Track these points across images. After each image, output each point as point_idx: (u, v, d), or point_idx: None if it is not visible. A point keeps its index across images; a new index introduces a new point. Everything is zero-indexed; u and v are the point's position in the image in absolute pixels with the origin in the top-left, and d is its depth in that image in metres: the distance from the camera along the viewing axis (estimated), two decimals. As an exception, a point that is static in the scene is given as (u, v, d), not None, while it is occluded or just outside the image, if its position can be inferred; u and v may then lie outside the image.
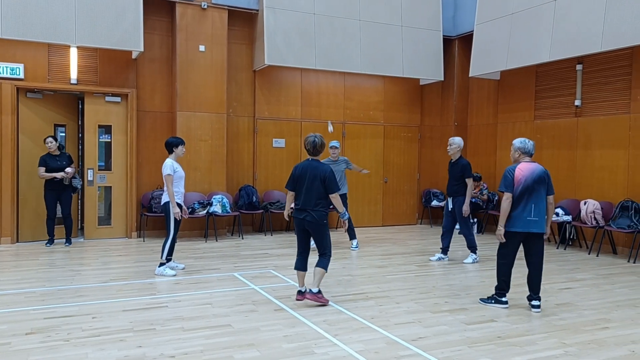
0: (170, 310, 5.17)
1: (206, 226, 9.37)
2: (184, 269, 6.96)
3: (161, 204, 6.92)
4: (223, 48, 9.63)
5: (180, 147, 6.79)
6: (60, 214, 8.57)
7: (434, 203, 11.59)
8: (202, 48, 9.45)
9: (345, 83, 11.08)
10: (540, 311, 5.31)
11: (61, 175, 8.24)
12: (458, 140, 7.66)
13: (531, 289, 5.38)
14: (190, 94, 9.41)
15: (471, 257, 7.71)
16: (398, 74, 10.69)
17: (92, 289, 5.94)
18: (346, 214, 5.58)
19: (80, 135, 9.55)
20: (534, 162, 5.34)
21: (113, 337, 4.39)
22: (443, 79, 11.22)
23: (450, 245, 7.89)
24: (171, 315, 5.00)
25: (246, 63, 10.22)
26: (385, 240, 9.68)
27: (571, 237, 9.19)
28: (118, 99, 9.29)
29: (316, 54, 9.85)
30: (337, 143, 8.59)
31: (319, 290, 5.41)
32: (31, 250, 8.08)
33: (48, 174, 8.23)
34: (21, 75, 8.52)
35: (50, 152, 8.34)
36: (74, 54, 8.85)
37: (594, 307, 5.50)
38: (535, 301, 5.34)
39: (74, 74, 8.87)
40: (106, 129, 9.37)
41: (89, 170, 9.10)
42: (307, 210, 5.33)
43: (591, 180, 9.01)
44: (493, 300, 5.47)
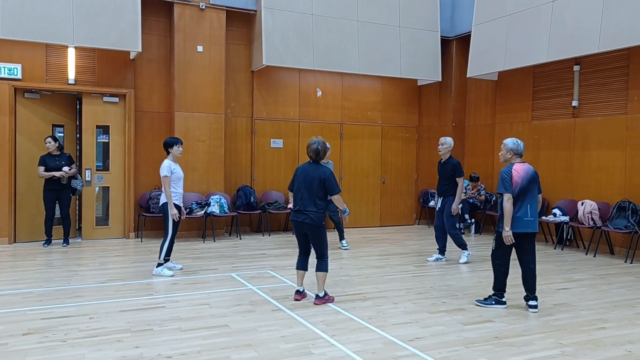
0: (167, 311, 5.17)
1: (204, 226, 9.37)
2: (181, 269, 6.96)
3: (159, 204, 6.92)
4: (221, 48, 9.64)
5: (176, 147, 6.72)
6: (58, 214, 8.57)
7: (432, 203, 11.59)
8: (200, 48, 9.45)
9: (343, 83, 11.09)
10: (538, 311, 5.33)
11: (59, 174, 8.23)
12: (450, 140, 7.73)
13: (528, 289, 5.39)
14: (188, 95, 9.41)
15: (465, 255, 7.72)
16: (396, 74, 10.71)
17: (90, 289, 5.94)
18: (347, 209, 5.64)
19: (78, 135, 9.55)
20: (525, 163, 5.40)
21: (110, 338, 4.39)
22: (441, 80, 11.23)
23: (446, 245, 7.90)
24: (169, 316, 5.00)
25: (244, 63, 10.22)
26: (383, 241, 9.69)
27: (568, 238, 9.20)
28: (116, 100, 9.29)
29: (314, 55, 9.85)
30: (328, 145, 8.59)
31: (325, 292, 5.50)
32: (28, 251, 8.07)
33: (47, 173, 8.23)
34: (19, 76, 8.52)
35: (50, 152, 8.35)
36: (71, 54, 8.84)
37: (591, 308, 5.51)
38: (532, 301, 5.35)
39: (71, 74, 8.86)
40: (104, 130, 9.36)
41: (87, 171, 9.10)
42: (306, 212, 5.35)
43: (588, 181, 9.03)
44: (493, 301, 5.48)
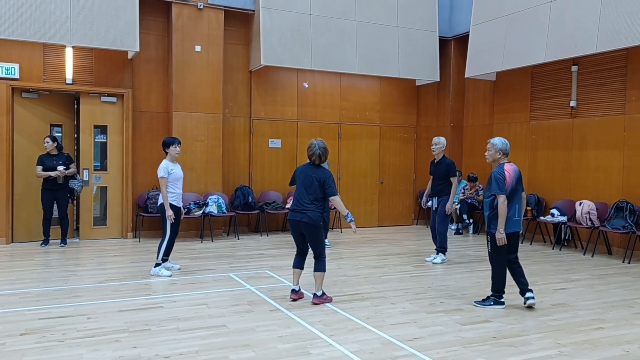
0: (165, 311, 5.16)
1: (202, 227, 9.36)
2: (179, 269, 6.95)
3: (157, 204, 6.91)
4: (219, 48, 9.63)
5: (173, 147, 6.69)
6: (56, 214, 8.55)
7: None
8: (198, 48, 9.44)
9: (341, 83, 11.08)
10: (535, 301, 5.38)
11: (55, 174, 8.21)
12: (443, 140, 7.76)
13: (522, 283, 5.45)
14: (186, 94, 9.40)
15: (440, 257, 7.72)
16: (394, 74, 10.71)
17: (88, 289, 5.93)
18: (350, 215, 5.41)
19: (76, 135, 9.53)
20: (511, 162, 5.47)
21: (108, 338, 4.38)
22: (439, 80, 11.24)
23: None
24: (166, 316, 5.00)
25: (242, 63, 10.21)
26: (381, 241, 9.69)
27: (566, 238, 9.21)
28: (114, 99, 9.27)
29: (312, 55, 9.85)
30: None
31: (323, 292, 5.51)
32: (26, 251, 8.05)
33: (44, 173, 8.21)
34: (16, 75, 8.50)
35: (48, 152, 8.33)
36: (69, 54, 8.83)
37: (588, 308, 5.52)
38: (529, 293, 5.41)
39: (69, 74, 8.85)
40: (102, 129, 9.34)
41: (85, 171, 9.09)
42: (303, 211, 5.35)
43: (586, 181, 9.04)
44: (492, 302, 5.48)
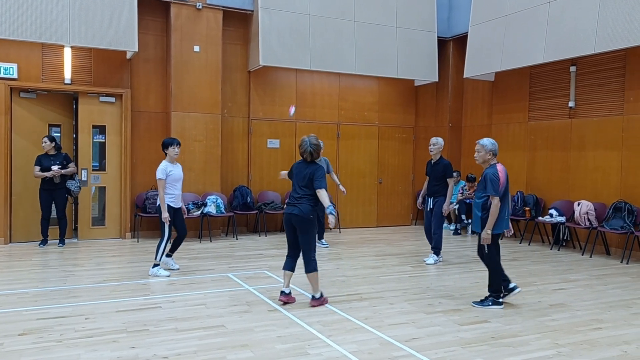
0: (164, 311, 5.16)
1: (200, 227, 9.35)
2: (178, 269, 6.95)
3: (156, 205, 6.90)
4: (218, 48, 9.62)
5: (172, 148, 6.68)
6: (54, 214, 8.53)
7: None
8: (197, 48, 9.43)
9: (340, 84, 11.08)
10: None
11: (51, 174, 8.19)
12: (441, 141, 7.76)
13: (504, 278, 5.62)
14: (184, 95, 9.39)
15: (432, 258, 7.70)
16: (393, 75, 10.71)
17: (86, 289, 5.92)
18: (331, 207, 5.14)
19: (75, 135, 9.52)
20: (499, 162, 5.56)
21: (106, 338, 4.38)
22: (438, 80, 11.25)
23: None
24: (165, 316, 4.99)
25: (241, 64, 10.21)
26: (379, 241, 9.69)
27: (565, 238, 9.22)
28: (112, 99, 9.26)
29: (311, 55, 9.85)
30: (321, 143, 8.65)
31: (321, 293, 5.45)
32: (24, 251, 8.04)
33: (41, 173, 8.20)
34: (15, 75, 8.49)
35: (46, 152, 8.32)
36: (67, 53, 8.82)
37: (587, 308, 5.52)
38: (512, 283, 5.61)
39: (67, 74, 8.84)
40: (100, 129, 9.34)
41: (83, 171, 9.07)
42: (295, 204, 5.34)
43: (585, 182, 9.04)
44: (490, 302, 5.49)
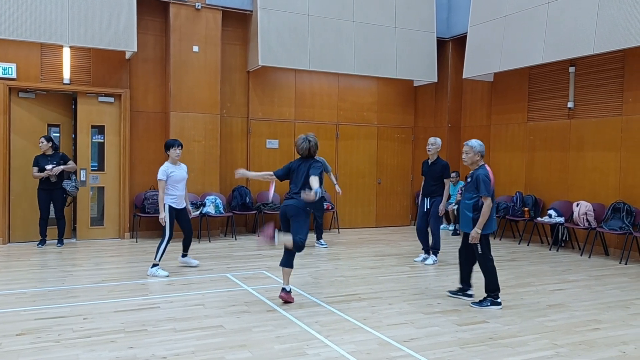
0: (162, 311, 5.15)
1: (199, 227, 9.34)
2: (198, 265, 7.16)
3: (156, 205, 6.89)
4: (217, 49, 9.62)
5: (172, 150, 6.73)
6: (53, 214, 8.52)
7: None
8: (196, 48, 9.43)
9: (339, 84, 11.08)
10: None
11: (46, 174, 8.18)
12: (439, 141, 7.75)
13: (467, 282, 5.77)
14: (183, 95, 9.39)
15: (432, 259, 7.71)
16: (392, 75, 10.71)
17: (84, 289, 5.92)
18: (318, 190, 5.13)
19: (74, 135, 9.51)
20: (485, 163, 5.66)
21: (104, 338, 4.38)
22: (437, 81, 11.25)
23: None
24: (163, 316, 4.99)
25: (240, 64, 10.20)
26: (378, 242, 9.69)
27: (563, 239, 9.22)
28: (111, 99, 9.26)
29: (310, 55, 9.84)
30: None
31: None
32: (23, 251, 8.03)
33: (39, 174, 8.20)
34: (13, 75, 8.48)
35: (43, 152, 8.31)
36: (66, 53, 8.81)
37: (585, 308, 5.53)
38: (472, 290, 5.79)
39: (66, 74, 8.83)
40: (99, 130, 9.33)
41: (82, 171, 9.07)
42: (293, 197, 5.45)
43: (583, 182, 9.05)
44: (489, 303, 5.50)
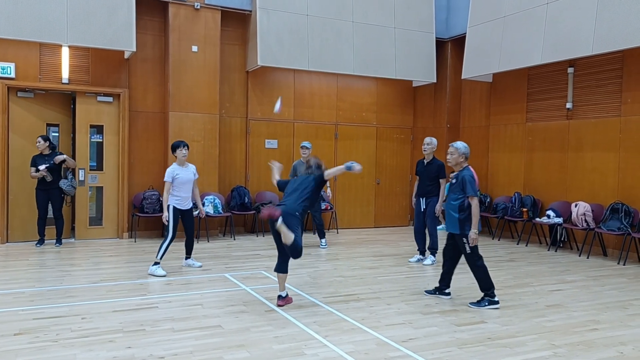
0: (160, 311, 5.15)
1: (198, 227, 9.33)
2: (200, 267, 7.13)
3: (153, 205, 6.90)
4: (216, 49, 9.62)
5: (179, 150, 6.83)
6: (51, 214, 8.51)
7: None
8: (195, 48, 9.42)
9: (338, 84, 11.08)
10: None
11: (40, 174, 8.15)
12: (435, 141, 7.76)
13: (447, 281, 5.88)
14: (182, 95, 9.38)
15: (430, 259, 7.71)
16: (391, 75, 10.71)
17: (82, 289, 5.91)
18: (349, 164, 5.21)
19: (72, 134, 9.50)
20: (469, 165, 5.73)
21: (102, 338, 4.37)
22: (436, 81, 11.25)
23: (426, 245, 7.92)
24: (161, 316, 4.98)
25: (239, 64, 10.20)
26: (377, 242, 9.69)
27: (562, 239, 9.22)
28: (110, 99, 9.25)
29: (309, 55, 9.84)
30: (309, 144, 8.69)
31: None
32: (21, 251, 8.02)
33: (36, 174, 8.18)
34: (12, 75, 8.47)
35: (41, 152, 8.30)
36: (65, 53, 8.80)
37: (583, 309, 5.53)
38: (449, 289, 5.89)
39: (65, 74, 8.82)
40: (98, 129, 9.32)
41: (81, 170, 9.06)
42: (284, 204, 5.26)
43: (582, 183, 9.06)
44: (487, 302, 5.50)
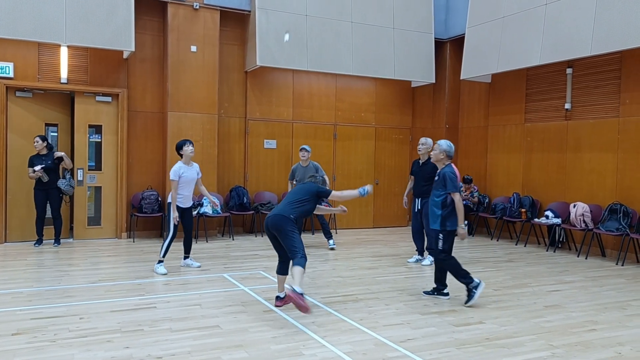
0: (158, 311, 5.14)
1: (197, 227, 9.33)
2: (199, 267, 7.12)
3: (152, 205, 6.90)
4: (215, 49, 9.61)
5: (186, 147, 6.85)
6: (50, 214, 8.50)
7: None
8: (194, 48, 9.42)
9: (336, 85, 11.08)
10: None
11: (35, 174, 8.13)
12: (430, 141, 7.71)
13: (442, 281, 5.87)
14: (181, 95, 9.38)
15: (429, 259, 7.69)
16: (390, 76, 10.71)
17: (80, 289, 5.91)
18: (361, 190, 5.23)
19: (71, 134, 9.49)
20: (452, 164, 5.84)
21: (100, 338, 4.37)
22: (434, 82, 11.26)
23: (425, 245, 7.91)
24: (160, 316, 4.98)
25: (238, 64, 10.20)
26: (375, 242, 9.69)
27: (560, 240, 9.23)
28: (109, 99, 9.25)
29: (308, 56, 9.85)
30: (308, 147, 8.67)
31: (302, 291, 5.07)
32: (19, 251, 8.02)
33: (33, 175, 8.16)
34: (11, 74, 8.46)
35: (38, 152, 8.29)
36: (64, 53, 8.80)
37: (581, 309, 5.53)
38: (447, 289, 5.88)
39: (64, 73, 8.81)
40: (97, 129, 9.31)
41: (79, 170, 9.05)
42: (277, 213, 5.12)
43: (580, 183, 9.06)
44: (473, 291, 5.54)
